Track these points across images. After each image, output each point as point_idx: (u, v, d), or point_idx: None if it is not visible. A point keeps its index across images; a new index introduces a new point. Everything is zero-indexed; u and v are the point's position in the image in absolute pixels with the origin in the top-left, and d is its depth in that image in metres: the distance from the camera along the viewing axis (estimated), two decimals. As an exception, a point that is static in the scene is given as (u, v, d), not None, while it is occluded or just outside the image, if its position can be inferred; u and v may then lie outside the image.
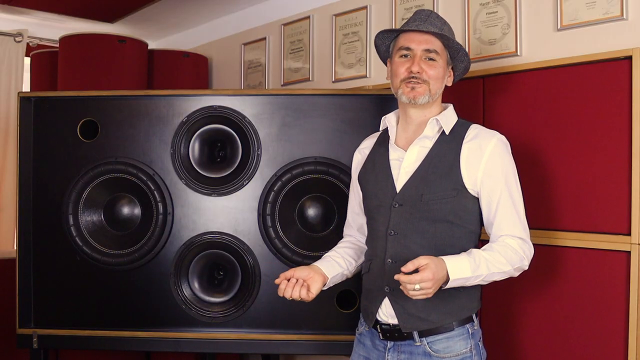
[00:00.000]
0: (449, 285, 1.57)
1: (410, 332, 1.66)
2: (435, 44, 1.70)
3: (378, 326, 1.73)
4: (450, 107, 1.78)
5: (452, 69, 1.78)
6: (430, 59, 1.69)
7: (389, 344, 1.71)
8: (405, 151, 1.73)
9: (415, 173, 1.69)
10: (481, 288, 1.74)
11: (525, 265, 1.66)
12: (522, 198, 1.70)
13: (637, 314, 1.81)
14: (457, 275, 1.56)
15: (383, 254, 1.70)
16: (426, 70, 1.69)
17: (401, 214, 1.69)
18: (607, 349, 1.89)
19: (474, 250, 1.62)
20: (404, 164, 1.71)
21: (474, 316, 1.70)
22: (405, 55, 1.71)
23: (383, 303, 1.71)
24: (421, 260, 1.51)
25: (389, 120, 1.80)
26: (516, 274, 1.66)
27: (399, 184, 1.71)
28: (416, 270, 1.50)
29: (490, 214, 1.67)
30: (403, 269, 1.50)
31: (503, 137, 1.70)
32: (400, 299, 1.66)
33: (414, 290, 1.49)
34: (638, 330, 1.81)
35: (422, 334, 1.66)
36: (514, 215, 1.66)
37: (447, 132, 1.70)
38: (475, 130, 1.71)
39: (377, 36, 1.80)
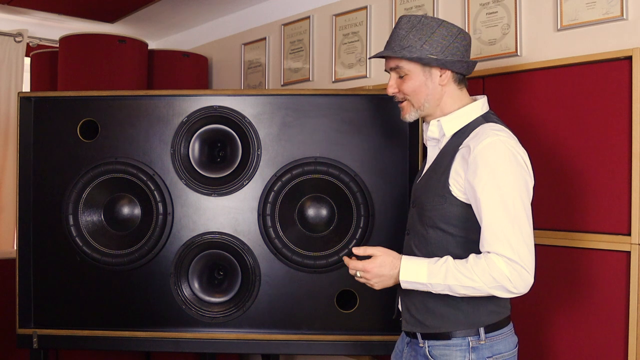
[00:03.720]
0: (403, 287, 1.59)
1: (414, 332, 1.67)
2: (396, 60, 1.65)
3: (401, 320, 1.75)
4: (470, 105, 1.66)
5: (444, 68, 1.64)
6: (401, 76, 1.67)
7: (407, 338, 1.73)
8: None
9: (424, 176, 1.70)
10: (502, 301, 1.61)
11: (512, 289, 1.47)
12: (522, 212, 1.49)
13: (637, 313, 1.81)
14: (408, 277, 1.56)
15: (402, 252, 1.71)
16: (399, 88, 1.68)
17: (413, 215, 1.71)
18: (607, 348, 1.89)
19: (444, 258, 1.54)
20: (426, 166, 1.73)
21: (481, 330, 1.58)
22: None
23: (399, 300, 1.74)
24: (375, 251, 1.59)
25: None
26: (501, 295, 1.50)
27: (417, 186, 1.73)
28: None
29: (481, 225, 1.53)
30: (354, 249, 1.60)
31: (498, 140, 1.52)
32: (406, 299, 1.67)
33: (356, 276, 1.60)
34: (638, 330, 1.81)
35: (424, 336, 1.65)
36: (497, 229, 1.48)
37: (447, 135, 1.65)
38: (477, 131, 1.59)
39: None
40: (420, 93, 1.66)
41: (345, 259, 1.61)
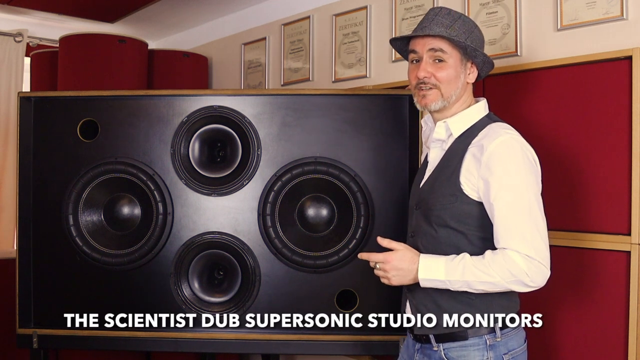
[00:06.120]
0: (422, 285, 1.58)
1: (427, 336, 1.64)
2: (441, 43, 1.62)
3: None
4: (474, 106, 1.68)
5: (474, 64, 1.67)
6: (439, 60, 1.62)
7: (417, 345, 1.69)
8: None
9: (430, 176, 1.69)
10: (513, 296, 1.62)
11: (530, 283, 1.50)
12: (536, 207, 1.53)
13: (637, 313, 1.81)
14: (426, 275, 1.55)
15: None
16: (434, 74, 1.62)
17: (417, 216, 1.69)
18: (607, 348, 1.89)
19: (461, 255, 1.55)
20: (428, 167, 1.71)
21: (497, 326, 1.58)
22: (416, 60, 1.67)
23: (407, 304, 1.71)
24: (396, 245, 1.60)
25: (425, 122, 1.78)
26: (519, 289, 1.53)
27: (422, 187, 1.72)
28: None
29: (493, 223, 1.55)
30: (378, 239, 1.61)
31: (511, 138, 1.56)
32: (415, 301, 1.65)
33: (374, 268, 1.61)
34: (638, 330, 1.81)
35: (438, 339, 1.62)
36: (513, 225, 1.51)
37: (455, 135, 1.65)
38: (486, 131, 1.60)
39: (390, 43, 1.77)
40: (454, 84, 1.64)
41: (363, 254, 1.63)
